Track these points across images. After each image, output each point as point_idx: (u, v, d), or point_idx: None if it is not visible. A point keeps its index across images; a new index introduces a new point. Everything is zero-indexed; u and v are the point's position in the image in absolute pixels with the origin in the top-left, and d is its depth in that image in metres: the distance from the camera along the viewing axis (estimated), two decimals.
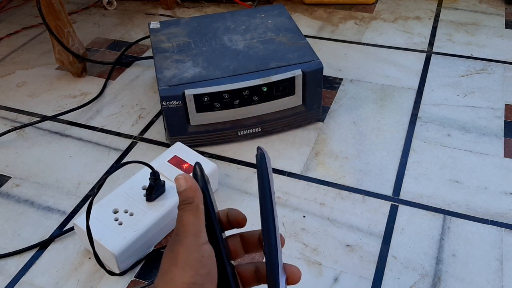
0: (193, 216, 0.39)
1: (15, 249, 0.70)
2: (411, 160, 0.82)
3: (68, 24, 0.99)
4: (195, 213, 0.39)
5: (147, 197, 0.68)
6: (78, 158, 0.85)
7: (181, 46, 0.88)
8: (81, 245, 0.70)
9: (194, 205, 0.39)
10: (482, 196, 0.75)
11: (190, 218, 0.38)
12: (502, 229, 0.70)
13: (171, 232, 0.71)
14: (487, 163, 0.80)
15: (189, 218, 0.38)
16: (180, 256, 0.37)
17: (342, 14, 1.26)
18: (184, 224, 0.38)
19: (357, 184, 0.78)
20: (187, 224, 0.38)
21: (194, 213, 0.39)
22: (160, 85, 0.79)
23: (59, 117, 0.94)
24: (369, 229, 0.71)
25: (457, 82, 0.99)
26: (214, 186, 0.77)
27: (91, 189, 0.79)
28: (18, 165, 0.85)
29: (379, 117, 0.91)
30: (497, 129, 0.87)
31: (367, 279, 0.64)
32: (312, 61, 0.82)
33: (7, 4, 1.38)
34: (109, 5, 1.34)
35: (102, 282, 0.65)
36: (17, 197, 0.78)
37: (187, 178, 0.40)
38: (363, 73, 1.03)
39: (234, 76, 0.80)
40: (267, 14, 0.97)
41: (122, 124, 0.92)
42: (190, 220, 0.38)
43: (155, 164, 0.73)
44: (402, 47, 1.11)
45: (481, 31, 1.15)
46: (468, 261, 0.66)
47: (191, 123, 0.82)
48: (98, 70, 1.08)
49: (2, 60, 1.14)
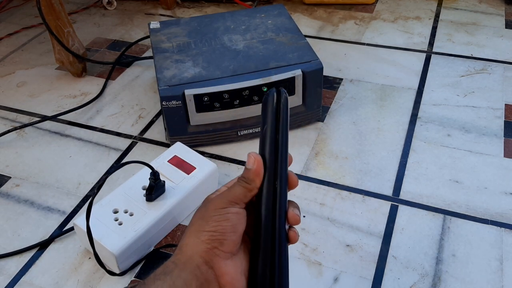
0: (242, 193, 0.41)
1: (15, 249, 0.70)
2: (411, 160, 0.82)
3: (68, 24, 0.99)
4: (245, 192, 0.41)
5: (147, 197, 0.68)
6: (78, 158, 0.85)
7: (181, 46, 0.88)
8: (81, 245, 0.70)
9: (250, 187, 0.42)
10: (482, 196, 0.75)
11: (238, 192, 0.41)
12: (502, 229, 0.70)
13: (171, 232, 0.71)
14: (487, 163, 0.80)
15: (236, 191, 0.42)
16: (208, 211, 0.41)
17: (342, 14, 1.26)
18: (230, 191, 0.42)
19: (357, 184, 0.78)
20: (231, 194, 0.41)
21: (244, 192, 0.41)
22: (160, 85, 0.79)
23: (59, 117, 0.94)
24: (369, 229, 0.71)
25: (457, 82, 0.99)
26: (214, 186, 0.77)
27: (91, 189, 0.79)
28: (18, 165, 0.85)
29: (379, 117, 0.91)
30: (497, 129, 0.87)
31: (367, 279, 0.64)
32: (312, 61, 0.82)
33: (7, 4, 1.38)
34: (109, 5, 1.34)
35: (102, 282, 0.65)
36: (17, 197, 0.78)
37: (257, 160, 0.42)
38: (363, 73, 1.03)
39: (234, 76, 0.80)
40: (267, 14, 0.97)
41: (122, 124, 0.92)
42: (236, 192, 0.41)
43: (155, 164, 0.73)
44: (402, 47, 1.11)
45: (481, 31, 1.15)
46: (468, 261, 0.66)
47: (191, 123, 0.82)
48: (98, 70, 1.08)
49: (2, 60, 1.14)
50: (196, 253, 0.40)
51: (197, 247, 0.40)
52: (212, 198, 0.43)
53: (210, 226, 0.40)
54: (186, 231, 0.42)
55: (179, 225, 0.72)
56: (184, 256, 0.41)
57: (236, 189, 0.42)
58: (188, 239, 0.41)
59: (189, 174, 0.72)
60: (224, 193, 0.42)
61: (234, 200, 0.41)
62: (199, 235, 0.41)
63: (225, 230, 0.40)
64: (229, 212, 0.41)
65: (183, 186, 0.71)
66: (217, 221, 0.40)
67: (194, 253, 0.40)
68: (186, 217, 0.73)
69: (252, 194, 0.42)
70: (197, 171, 0.73)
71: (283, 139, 0.42)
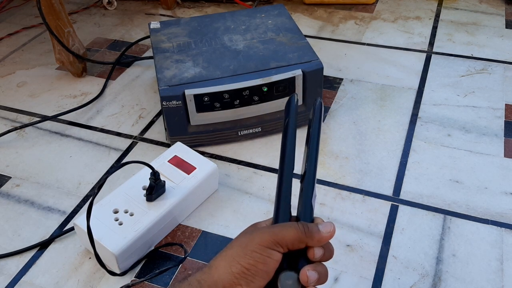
0: (294, 238, 0.40)
1: (15, 249, 0.70)
2: (411, 160, 0.82)
3: (68, 24, 0.99)
4: (297, 241, 0.40)
5: (147, 197, 0.68)
6: (78, 158, 0.85)
7: (181, 46, 0.88)
8: (81, 245, 0.70)
9: (306, 239, 0.40)
10: (482, 196, 0.75)
11: (290, 234, 0.40)
12: (502, 229, 0.70)
13: (171, 232, 0.71)
14: (487, 163, 0.80)
15: (289, 233, 0.40)
16: (252, 242, 0.39)
17: (342, 14, 1.26)
18: (281, 230, 0.40)
19: (357, 184, 0.78)
20: (281, 234, 0.40)
21: (296, 239, 0.40)
22: (160, 85, 0.79)
23: (59, 117, 0.94)
24: (369, 229, 0.71)
25: (457, 82, 0.99)
26: (214, 186, 0.77)
27: (91, 189, 0.79)
28: (18, 165, 0.85)
29: (379, 117, 0.91)
30: (497, 129, 0.87)
31: (367, 279, 0.64)
32: (312, 61, 0.82)
33: (7, 4, 1.38)
34: (109, 5, 1.34)
35: (102, 282, 0.65)
36: (17, 197, 0.78)
37: (332, 233, 0.41)
38: (363, 73, 1.03)
39: (234, 76, 0.80)
40: (267, 14, 0.97)
41: (122, 124, 0.92)
42: (288, 235, 0.40)
43: (155, 164, 0.73)
44: (402, 47, 1.11)
45: (481, 31, 1.15)
46: (468, 261, 0.66)
47: (191, 123, 0.82)
48: (98, 70, 1.08)
49: (3, 60, 1.14)
50: (221, 280, 0.40)
51: (225, 275, 0.40)
52: (260, 229, 0.41)
53: (246, 261, 0.39)
54: (224, 251, 0.41)
55: (179, 225, 0.72)
56: (211, 279, 0.40)
57: (290, 232, 0.40)
58: (221, 262, 0.41)
59: (189, 174, 0.72)
60: (275, 230, 0.40)
61: (281, 242, 0.40)
62: (232, 263, 0.40)
63: (258, 274, 0.39)
64: (270, 256, 0.39)
65: (183, 186, 0.71)
66: (255, 260, 0.39)
67: (220, 280, 0.40)
68: (186, 217, 0.73)
69: (300, 247, 0.40)
70: (197, 171, 0.73)
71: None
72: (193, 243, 0.69)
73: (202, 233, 0.71)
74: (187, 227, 0.72)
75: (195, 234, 0.71)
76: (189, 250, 0.68)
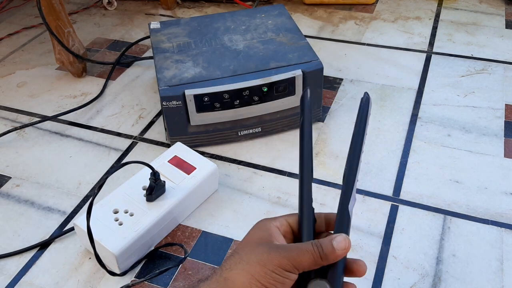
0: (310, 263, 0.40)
1: (15, 249, 0.70)
2: (411, 160, 0.82)
3: (68, 24, 0.99)
4: (313, 265, 0.40)
5: (147, 197, 0.68)
6: (78, 158, 0.85)
7: (181, 46, 0.88)
8: (81, 245, 0.70)
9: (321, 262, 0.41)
10: (482, 196, 0.75)
11: (305, 260, 0.40)
12: (502, 229, 0.70)
13: (171, 232, 0.71)
14: (487, 163, 0.80)
15: (305, 259, 0.40)
16: (271, 262, 0.40)
17: (342, 14, 1.26)
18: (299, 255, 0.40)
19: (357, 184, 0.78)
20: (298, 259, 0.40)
21: (313, 264, 0.40)
22: (160, 85, 0.79)
23: (59, 117, 0.94)
24: (369, 229, 0.71)
25: (457, 82, 0.99)
26: (214, 186, 0.77)
27: (91, 189, 0.79)
28: (18, 165, 0.85)
29: (379, 117, 0.91)
30: (497, 129, 0.87)
31: (367, 279, 0.64)
32: (312, 61, 0.82)
33: (7, 4, 1.38)
34: (109, 5, 1.34)
35: (102, 282, 0.65)
36: (17, 197, 0.78)
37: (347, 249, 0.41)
38: (363, 73, 1.03)
39: (234, 76, 0.80)
40: (267, 14, 0.97)
41: (122, 124, 0.92)
42: (303, 260, 0.40)
43: (155, 164, 0.73)
44: (402, 47, 1.11)
45: (481, 31, 1.15)
46: (468, 261, 0.66)
47: (191, 123, 0.82)
48: (98, 70, 1.08)
49: (3, 60, 1.14)
50: None
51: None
52: (278, 250, 0.41)
53: (266, 281, 0.39)
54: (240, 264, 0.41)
55: (179, 225, 0.72)
56: None
57: (306, 257, 0.40)
58: (238, 277, 0.40)
59: (189, 174, 0.72)
60: (293, 255, 0.40)
61: (298, 266, 0.40)
62: (252, 281, 0.39)
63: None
64: (289, 277, 0.40)
65: (184, 186, 0.71)
66: (274, 280, 0.39)
67: None
68: (186, 217, 0.73)
69: (314, 268, 0.41)
70: (197, 171, 0.73)
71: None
72: (193, 243, 0.69)
73: (202, 233, 0.71)
74: (187, 227, 0.72)
75: (195, 234, 0.71)
76: (189, 250, 0.68)
